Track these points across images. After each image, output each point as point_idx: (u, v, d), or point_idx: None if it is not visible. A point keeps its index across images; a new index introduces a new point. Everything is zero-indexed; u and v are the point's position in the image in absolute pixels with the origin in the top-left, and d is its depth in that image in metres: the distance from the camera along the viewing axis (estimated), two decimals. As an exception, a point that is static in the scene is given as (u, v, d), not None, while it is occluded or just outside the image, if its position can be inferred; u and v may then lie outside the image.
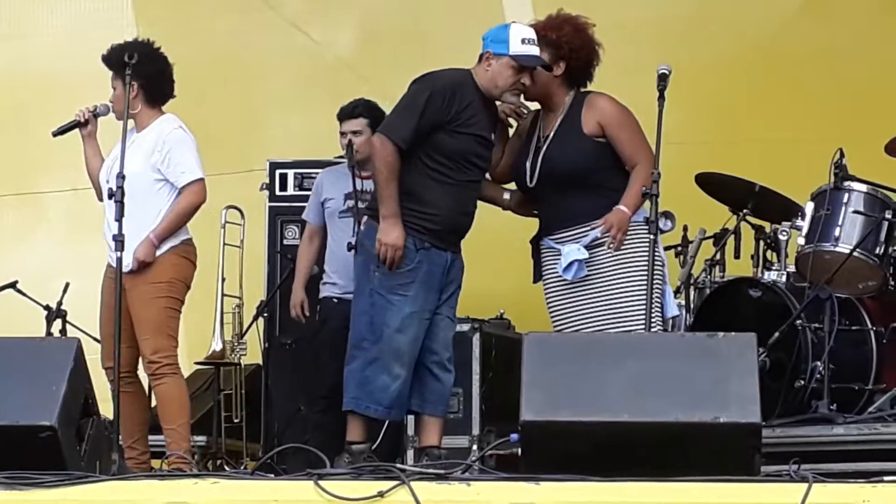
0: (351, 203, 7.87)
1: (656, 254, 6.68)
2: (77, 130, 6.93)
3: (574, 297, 6.79)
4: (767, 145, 9.26)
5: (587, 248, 6.71)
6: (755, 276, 7.59)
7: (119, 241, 6.60)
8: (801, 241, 7.16)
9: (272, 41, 10.64)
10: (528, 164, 6.86)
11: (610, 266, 6.77)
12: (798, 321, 7.19)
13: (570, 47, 6.86)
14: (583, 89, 6.91)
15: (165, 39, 8.99)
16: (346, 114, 8.16)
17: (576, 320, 6.78)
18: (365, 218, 6.82)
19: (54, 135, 6.94)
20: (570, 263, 6.71)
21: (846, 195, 7.13)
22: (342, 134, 8.06)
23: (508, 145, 7.05)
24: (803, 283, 7.27)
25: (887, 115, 7.96)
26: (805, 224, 7.15)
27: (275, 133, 10.24)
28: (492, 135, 6.79)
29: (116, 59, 7.10)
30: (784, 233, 7.52)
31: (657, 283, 6.70)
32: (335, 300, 7.90)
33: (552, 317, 6.95)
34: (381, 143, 6.60)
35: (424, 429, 6.71)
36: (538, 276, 7.02)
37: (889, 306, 7.26)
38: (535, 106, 7.00)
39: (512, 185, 7.06)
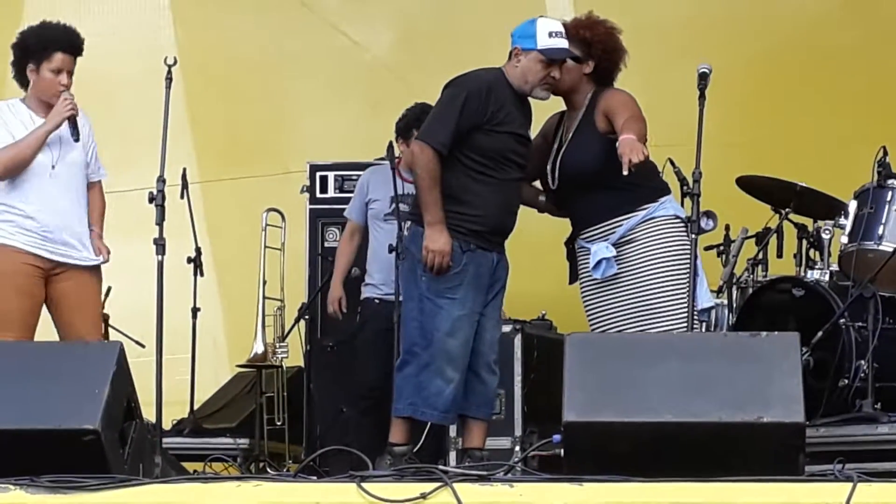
0: (394, 207, 7.88)
1: (686, 246, 6.72)
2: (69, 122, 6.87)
3: (606, 295, 6.80)
4: (808, 144, 9.26)
5: (615, 245, 6.72)
6: (798, 274, 7.58)
7: (161, 244, 6.62)
8: (845, 239, 7.16)
9: (309, 41, 10.66)
10: (549, 167, 6.89)
11: (639, 262, 6.77)
12: (841, 320, 7.17)
13: (602, 48, 6.89)
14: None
15: (203, 40, 9.05)
16: (414, 118, 8.12)
17: (609, 319, 6.79)
18: (409, 223, 6.84)
19: (76, 136, 6.93)
20: (599, 262, 6.71)
21: (890, 193, 7.11)
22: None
23: (534, 146, 7.06)
24: (847, 282, 7.27)
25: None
26: (848, 222, 7.14)
27: (312, 134, 10.25)
28: (528, 131, 6.80)
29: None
30: (827, 231, 7.50)
31: (685, 274, 6.72)
32: (377, 301, 7.92)
33: (588, 316, 6.97)
34: (420, 149, 6.60)
35: (468, 431, 6.72)
36: (574, 276, 7.04)
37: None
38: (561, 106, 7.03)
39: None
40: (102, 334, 6.94)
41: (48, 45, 6.81)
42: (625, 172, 6.34)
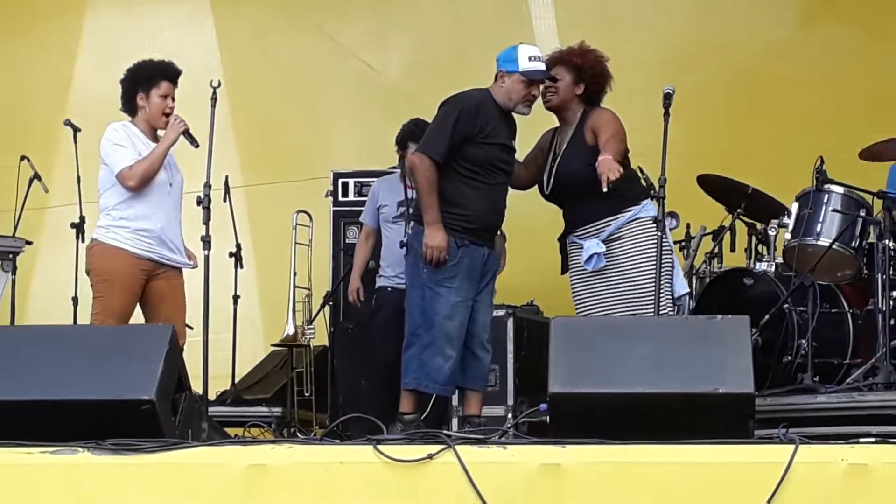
0: (403, 209, 7.90)
1: (665, 241, 6.68)
2: (183, 136, 6.92)
3: (595, 285, 6.78)
4: (759, 154, 9.21)
5: (605, 242, 6.72)
6: (748, 266, 7.55)
7: (207, 241, 6.61)
8: (788, 236, 7.12)
9: (333, 67, 10.62)
10: (545, 175, 6.90)
11: (625, 258, 6.76)
12: (785, 305, 7.16)
13: (592, 72, 6.90)
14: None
15: (244, 65, 9.02)
16: (415, 132, 8.12)
17: (597, 305, 6.77)
18: (412, 223, 6.83)
19: (195, 144, 6.96)
20: (591, 256, 6.71)
21: (826, 196, 7.07)
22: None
23: (528, 157, 7.06)
24: (789, 273, 7.25)
25: (862, 127, 7.91)
26: (791, 221, 7.10)
27: (335, 146, 10.22)
28: (513, 142, 6.79)
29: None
30: (773, 229, 7.49)
31: (667, 267, 6.68)
32: (389, 289, 7.92)
33: (576, 303, 6.94)
34: (420, 160, 6.60)
35: (467, 401, 6.72)
36: (565, 268, 7.03)
37: (863, 291, 7.20)
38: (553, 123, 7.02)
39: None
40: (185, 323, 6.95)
41: (154, 74, 6.88)
42: (604, 189, 6.36)
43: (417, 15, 10.78)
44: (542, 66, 6.70)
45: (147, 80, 6.85)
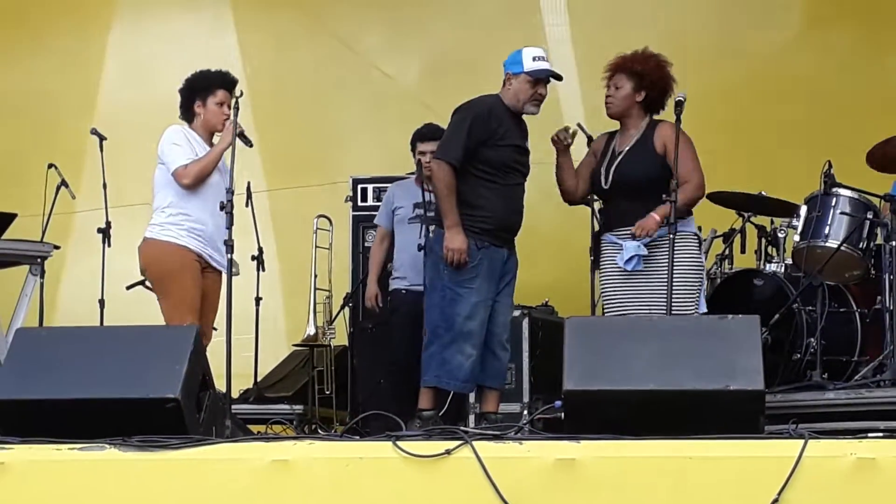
0: (419, 211, 7.89)
1: (699, 258, 6.83)
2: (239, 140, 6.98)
3: (628, 286, 6.72)
4: (769, 157, 9.20)
5: (646, 246, 6.68)
6: (758, 267, 7.56)
7: (230, 245, 6.62)
8: (797, 238, 7.12)
9: (351, 76, 10.66)
10: (603, 170, 6.82)
11: (664, 264, 6.68)
12: (795, 305, 7.18)
13: (651, 79, 6.83)
14: (655, 116, 6.88)
15: (266, 75, 9.01)
16: (423, 136, 8.17)
17: (627, 305, 6.72)
18: (433, 227, 6.83)
19: (249, 144, 7.02)
20: (632, 257, 6.66)
21: (834, 199, 7.09)
22: (422, 153, 8.08)
23: (582, 164, 7.02)
24: (798, 273, 7.25)
25: (869, 131, 7.87)
26: (800, 224, 7.11)
27: (354, 152, 10.22)
28: (525, 142, 6.80)
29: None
30: (782, 231, 7.49)
31: (698, 284, 6.75)
32: (404, 291, 7.92)
33: (606, 300, 6.91)
34: (438, 166, 6.64)
35: (485, 398, 6.74)
36: (597, 265, 7.00)
37: (871, 291, 7.21)
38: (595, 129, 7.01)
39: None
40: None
41: (211, 84, 6.97)
42: (635, 233, 6.59)
43: (432, 24, 10.81)
44: (546, 66, 6.72)
45: (204, 89, 6.96)
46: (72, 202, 8.80)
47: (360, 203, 9.04)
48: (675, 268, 6.59)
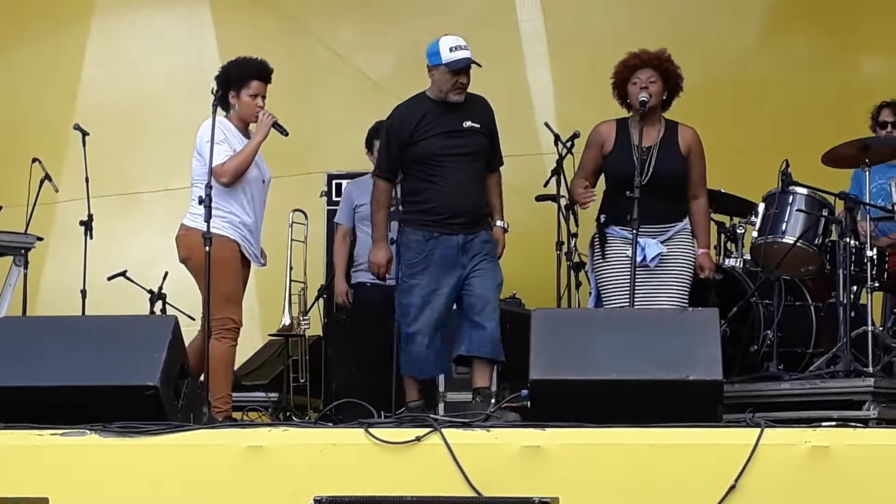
0: None
1: (694, 252, 6.77)
2: (274, 130, 6.95)
3: (644, 280, 6.57)
4: (729, 156, 9.20)
5: (662, 243, 6.67)
6: (718, 262, 7.53)
7: (208, 238, 6.55)
8: (755, 234, 7.13)
9: (327, 71, 10.63)
10: (637, 163, 6.62)
11: (676, 262, 6.70)
12: (752, 299, 7.21)
13: (676, 82, 6.85)
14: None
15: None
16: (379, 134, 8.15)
17: (642, 299, 6.56)
18: (398, 223, 6.82)
19: (285, 133, 7.02)
20: (656, 255, 6.60)
21: (791, 197, 7.09)
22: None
23: (589, 165, 6.90)
24: (756, 268, 7.28)
25: (826, 132, 7.91)
26: (758, 220, 7.13)
27: (330, 146, 10.16)
28: (462, 124, 6.72)
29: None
30: (741, 227, 7.52)
31: (690, 276, 6.76)
32: (368, 284, 7.91)
33: (612, 292, 6.77)
34: (374, 183, 6.80)
35: (475, 371, 6.65)
36: (603, 255, 6.87)
37: (825, 286, 7.25)
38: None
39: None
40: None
41: (245, 74, 6.86)
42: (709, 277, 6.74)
43: (407, 21, 10.77)
44: (465, 55, 6.68)
45: (238, 81, 6.85)
46: (54, 195, 8.78)
47: (334, 198, 9.00)
48: (686, 265, 6.70)
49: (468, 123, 6.76)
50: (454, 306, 6.66)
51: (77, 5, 11.11)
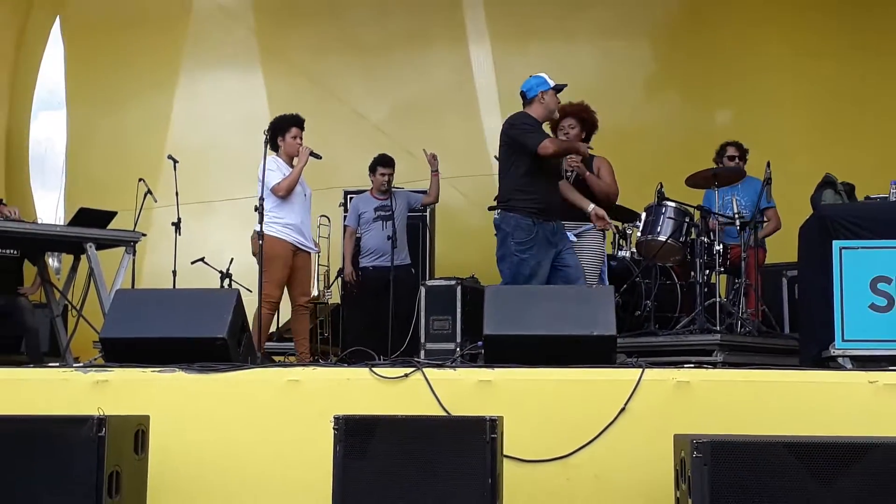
0: (379, 214, 7.97)
1: (602, 246, 6.81)
2: (311, 157, 7.10)
3: None
4: (621, 179, 9.23)
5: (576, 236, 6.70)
6: (614, 253, 7.58)
7: (260, 234, 6.56)
8: (639, 233, 7.18)
9: (341, 116, 10.63)
10: (572, 182, 6.68)
11: (585, 251, 6.72)
12: (637, 279, 7.25)
13: (591, 123, 6.88)
14: None
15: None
16: (384, 162, 8.15)
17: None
18: (498, 210, 6.38)
19: (319, 157, 7.13)
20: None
21: (664, 208, 7.14)
22: (382, 174, 8.08)
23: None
24: (640, 258, 7.32)
25: (688, 163, 7.87)
26: (641, 224, 7.18)
27: (343, 170, 10.11)
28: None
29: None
30: (629, 229, 7.55)
31: (600, 264, 6.77)
32: (371, 268, 7.92)
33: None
34: (545, 140, 6.22)
35: None
36: None
37: (687, 270, 7.28)
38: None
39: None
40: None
41: (286, 124, 7.13)
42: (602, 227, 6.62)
43: (398, 80, 10.82)
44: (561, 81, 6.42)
45: (282, 129, 7.10)
46: (153, 204, 8.76)
47: (348, 207, 9.03)
48: (594, 254, 6.70)
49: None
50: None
51: (168, 71, 11.13)
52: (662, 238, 7.02)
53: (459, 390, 4.71)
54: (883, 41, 9.87)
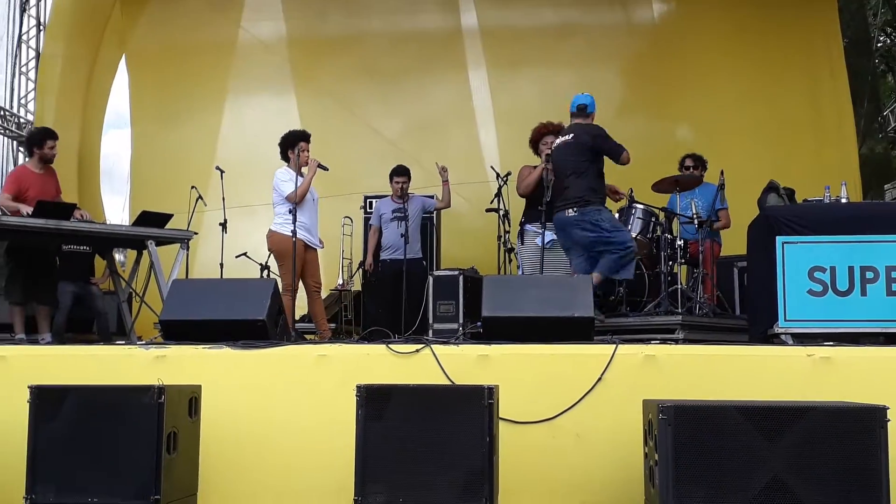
0: (395, 215, 7.94)
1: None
2: (319, 168, 7.08)
3: (546, 258, 6.60)
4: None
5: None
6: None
7: (294, 232, 6.54)
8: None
9: (362, 133, 10.58)
10: (544, 188, 6.59)
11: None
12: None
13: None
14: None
15: (315, 137, 8.91)
16: (400, 172, 8.13)
17: (548, 269, 6.58)
18: (575, 208, 6.32)
19: (326, 169, 7.08)
20: (550, 241, 6.58)
21: (634, 209, 7.16)
22: (397, 182, 8.07)
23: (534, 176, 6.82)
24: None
25: (653, 172, 7.83)
26: (615, 223, 7.16)
27: (363, 178, 10.09)
28: None
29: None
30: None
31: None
32: (389, 261, 7.91)
33: (529, 265, 6.74)
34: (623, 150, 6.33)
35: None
36: (523, 243, 6.85)
37: (654, 261, 7.25)
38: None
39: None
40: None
41: (296, 139, 7.05)
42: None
43: (411, 100, 10.78)
44: None
45: (292, 143, 7.02)
46: (204, 208, 8.75)
47: (368, 210, 9.02)
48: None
49: None
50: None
51: (216, 95, 11.15)
52: (632, 235, 6.98)
53: (462, 363, 4.70)
54: (812, 66, 9.95)
